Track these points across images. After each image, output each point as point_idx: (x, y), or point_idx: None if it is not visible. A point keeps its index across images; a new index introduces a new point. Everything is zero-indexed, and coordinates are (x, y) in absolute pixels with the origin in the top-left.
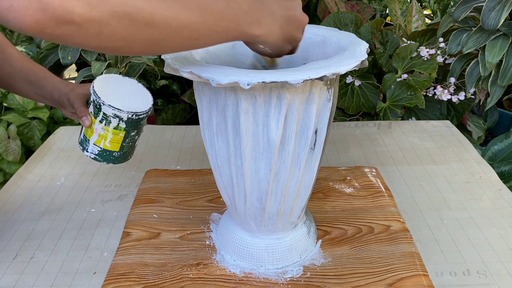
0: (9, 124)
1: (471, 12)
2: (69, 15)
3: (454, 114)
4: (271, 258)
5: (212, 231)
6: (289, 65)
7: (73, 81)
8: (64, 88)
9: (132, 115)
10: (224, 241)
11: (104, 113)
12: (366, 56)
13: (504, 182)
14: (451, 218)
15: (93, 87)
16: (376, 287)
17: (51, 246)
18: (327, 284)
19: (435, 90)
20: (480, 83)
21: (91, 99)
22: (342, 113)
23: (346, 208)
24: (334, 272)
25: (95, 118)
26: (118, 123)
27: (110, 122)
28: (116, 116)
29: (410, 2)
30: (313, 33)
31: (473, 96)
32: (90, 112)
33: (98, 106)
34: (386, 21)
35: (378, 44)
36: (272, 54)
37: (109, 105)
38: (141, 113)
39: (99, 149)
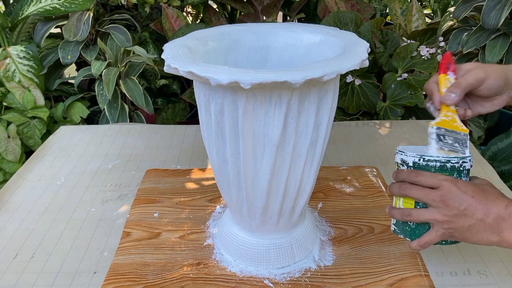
0: (9, 123)
1: (471, 11)
2: None
3: None
4: (271, 258)
5: (212, 230)
6: (289, 64)
7: (72, 81)
8: None
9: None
10: (224, 240)
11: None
12: (367, 55)
13: (505, 182)
14: None
15: None
16: (377, 287)
17: (51, 246)
18: (327, 284)
19: None
20: None
21: None
22: (342, 112)
23: (347, 208)
24: (334, 272)
25: None
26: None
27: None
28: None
29: (410, 1)
30: (313, 32)
31: None
32: None
33: None
34: (386, 20)
35: (378, 44)
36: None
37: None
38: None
39: None
